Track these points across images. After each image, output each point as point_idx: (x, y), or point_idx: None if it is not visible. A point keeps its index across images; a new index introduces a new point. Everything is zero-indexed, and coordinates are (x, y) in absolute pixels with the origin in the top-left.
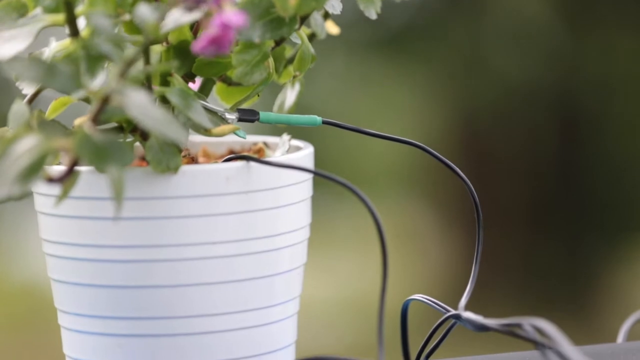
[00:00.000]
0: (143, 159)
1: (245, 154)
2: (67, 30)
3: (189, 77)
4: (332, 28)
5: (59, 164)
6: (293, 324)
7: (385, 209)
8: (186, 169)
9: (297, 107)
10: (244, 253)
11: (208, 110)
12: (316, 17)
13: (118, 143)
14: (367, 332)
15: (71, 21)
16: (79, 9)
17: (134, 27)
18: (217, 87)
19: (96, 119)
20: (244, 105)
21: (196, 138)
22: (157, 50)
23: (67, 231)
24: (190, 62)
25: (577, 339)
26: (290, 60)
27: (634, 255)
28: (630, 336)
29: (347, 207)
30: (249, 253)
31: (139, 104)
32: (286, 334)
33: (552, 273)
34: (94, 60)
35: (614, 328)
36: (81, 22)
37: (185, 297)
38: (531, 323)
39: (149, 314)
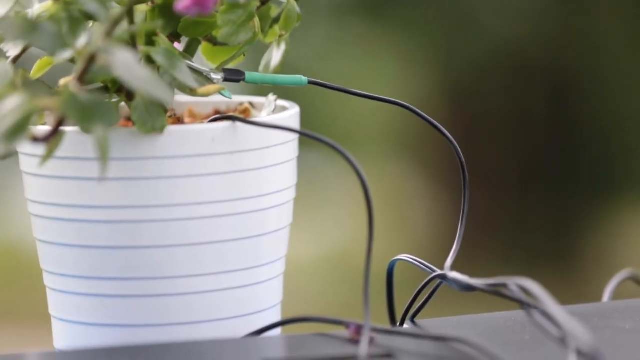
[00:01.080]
0: (128, 119)
1: (231, 114)
2: None
3: (175, 37)
4: None
5: (44, 124)
6: (279, 285)
7: (373, 170)
8: (172, 129)
9: (283, 67)
10: (230, 213)
11: (193, 70)
12: None
13: (104, 103)
14: (353, 292)
15: None
16: None
17: None
18: (203, 47)
19: (82, 79)
20: (230, 65)
21: (182, 98)
22: (142, 9)
23: (52, 192)
24: (175, 22)
25: (563, 299)
26: (276, 20)
27: (620, 216)
28: (616, 295)
29: (333, 168)
30: (235, 213)
31: (125, 64)
32: (272, 295)
33: (539, 233)
34: (78, 19)
35: (600, 288)
36: None
37: (171, 258)
38: (517, 283)
39: (135, 275)
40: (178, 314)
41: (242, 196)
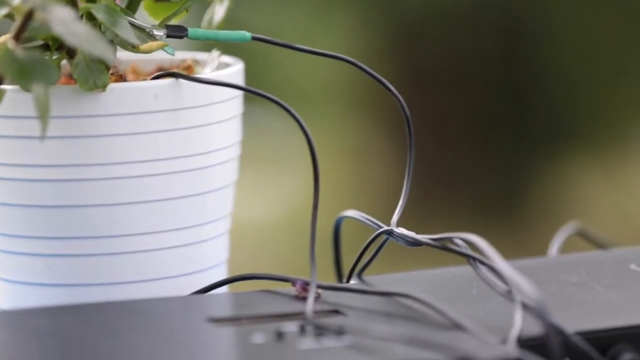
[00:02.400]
0: (70, 77)
1: (174, 71)
2: None
3: None
4: None
5: None
6: (225, 243)
7: (323, 127)
8: (114, 86)
9: (226, 23)
10: (174, 171)
11: (135, 26)
12: None
13: (43, 60)
14: (302, 251)
15: None
16: None
17: None
18: (145, 3)
19: (20, 36)
20: (172, 22)
21: (124, 56)
22: None
23: None
24: None
25: (511, 253)
26: None
27: (566, 169)
28: (563, 249)
29: (281, 126)
30: (179, 171)
31: (63, 20)
32: (218, 252)
33: (487, 188)
34: None
35: (547, 241)
36: None
37: (115, 216)
38: (463, 237)
39: (79, 234)
40: (123, 272)
41: (186, 154)
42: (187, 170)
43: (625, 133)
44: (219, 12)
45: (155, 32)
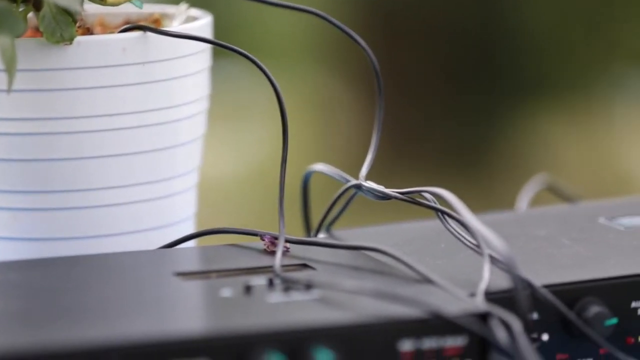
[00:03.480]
0: (37, 29)
1: (142, 24)
2: None
3: None
4: None
5: None
6: (193, 197)
7: (292, 80)
8: (81, 39)
9: None
10: (142, 125)
11: None
12: None
13: (8, 12)
14: (270, 205)
15: None
16: None
17: None
18: None
19: None
20: None
21: (92, 8)
22: None
23: None
24: None
25: (480, 206)
26: None
27: (533, 122)
28: (532, 203)
29: (249, 79)
30: (147, 125)
31: None
32: (186, 207)
33: (458, 141)
34: None
35: (516, 194)
36: None
37: (84, 170)
38: (432, 191)
39: (47, 188)
40: (91, 226)
41: (153, 107)
42: (155, 124)
43: (591, 85)
44: None
45: None
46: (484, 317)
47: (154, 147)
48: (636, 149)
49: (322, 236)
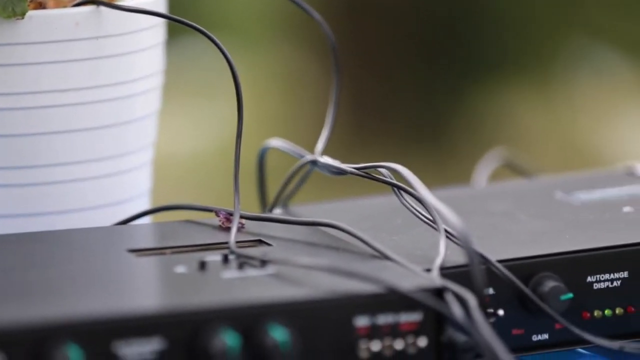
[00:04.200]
0: None
1: None
2: None
3: None
4: None
5: None
6: (148, 173)
7: (253, 56)
8: (34, 14)
9: None
10: (96, 100)
11: None
12: None
13: None
14: (228, 182)
15: None
16: None
17: None
18: None
19: None
20: None
21: None
22: None
23: None
24: None
25: (442, 182)
26: None
27: (492, 96)
28: (491, 178)
29: (208, 55)
30: (101, 100)
31: None
32: (141, 183)
33: (420, 117)
34: None
35: (474, 168)
36: None
37: (36, 146)
38: (387, 166)
39: (2, 164)
40: (44, 203)
41: (107, 82)
42: (109, 99)
43: (552, 59)
44: None
45: None
46: (439, 292)
47: (108, 123)
48: (596, 122)
49: (278, 212)
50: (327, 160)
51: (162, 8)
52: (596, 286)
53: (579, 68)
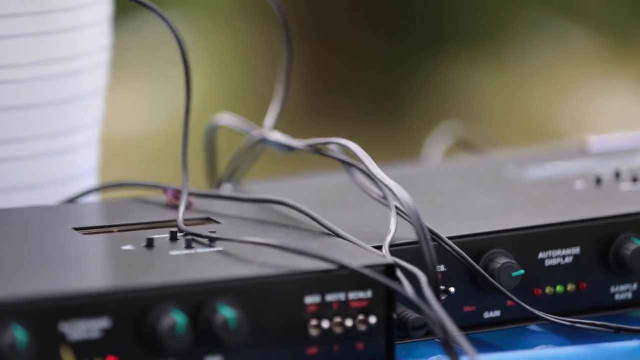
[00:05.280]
0: None
1: None
2: None
3: None
4: None
5: None
6: (95, 150)
7: (214, 30)
8: None
9: None
10: (42, 76)
11: None
12: None
13: None
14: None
15: None
16: None
17: None
18: None
19: None
20: None
21: None
22: None
23: None
24: None
25: (398, 157)
26: None
27: (445, 71)
28: (445, 154)
29: (160, 32)
30: (48, 76)
31: None
32: (88, 160)
33: (375, 92)
34: None
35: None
36: None
37: None
38: (338, 142)
39: None
40: None
41: (54, 58)
42: (55, 75)
43: (506, 32)
44: None
45: None
46: (389, 269)
47: (55, 99)
48: (553, 95)
49: (229, 190)
50: (276, 136)
51: None
52: (548, 263)
53: (535, 39)
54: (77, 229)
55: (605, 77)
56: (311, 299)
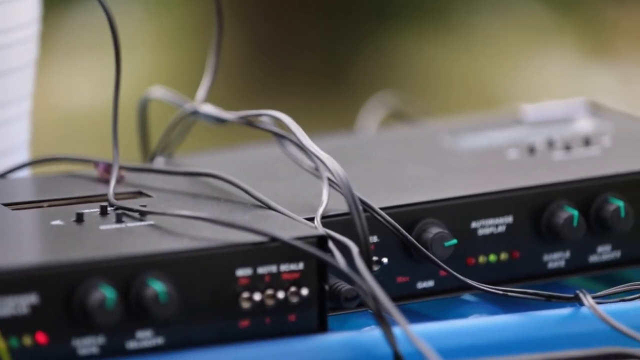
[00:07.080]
0: None
1: None
2: None
3: None
4: None
5: None
6: (25, 124)
7: (157, 4)
8: None
9: None
10: None
11: None
12: None
13: None
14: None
15: None
16: None
17: None
18: None
19: None
20: None
21: None
22: None
23: None
24: None
25: (336, 129)
26: None
27: (385, 43)
28: (381, 124)
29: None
30: None
31: None
32: (18, 134)
33: (317, 64)
34: None
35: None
36: None
37: None
38: (269, 114)
39: None
40: None
41: None
42: None
43: (448, 3)
44: None
45: None
46: (321, 241)
47: None
48: (493, 65)
49: (161, 163)
50: (208, 108)
51: None
52: (480, 232)
53: (481, 9)
54: (6, 204)
55: (546, 47)
56: (242, 272)
